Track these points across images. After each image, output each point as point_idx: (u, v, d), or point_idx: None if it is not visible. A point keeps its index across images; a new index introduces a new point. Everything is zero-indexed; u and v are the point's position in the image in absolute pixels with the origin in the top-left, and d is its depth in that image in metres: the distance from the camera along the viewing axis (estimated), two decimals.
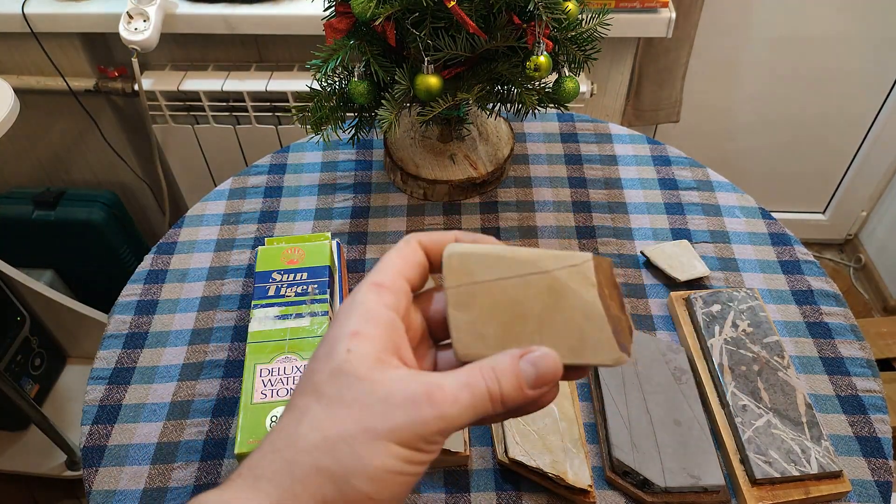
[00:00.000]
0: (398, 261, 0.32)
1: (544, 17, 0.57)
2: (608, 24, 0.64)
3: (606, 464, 0.55)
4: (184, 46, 1.25)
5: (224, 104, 1.22)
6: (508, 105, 0.67)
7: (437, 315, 0.33)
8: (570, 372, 0.31)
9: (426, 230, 0.73)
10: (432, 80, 0.60)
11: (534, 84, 0.65)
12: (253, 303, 0.58)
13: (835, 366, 0.62)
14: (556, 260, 0.30)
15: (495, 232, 0.73)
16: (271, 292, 0.59)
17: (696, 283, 0.68)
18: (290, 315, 0.57)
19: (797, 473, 0.52)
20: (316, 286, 0.59)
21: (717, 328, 0.61)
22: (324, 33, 0.63)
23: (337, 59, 0.61)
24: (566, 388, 0.59)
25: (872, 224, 1.71)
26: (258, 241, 0.72)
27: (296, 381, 0.53)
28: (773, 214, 0.75)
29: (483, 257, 0.30)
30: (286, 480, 0.27)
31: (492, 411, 0.28)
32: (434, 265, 0.33)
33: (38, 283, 1.28)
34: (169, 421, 0.58)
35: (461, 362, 0.30)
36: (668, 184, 0.78)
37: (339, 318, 0.30)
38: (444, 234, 0.33)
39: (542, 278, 0.30)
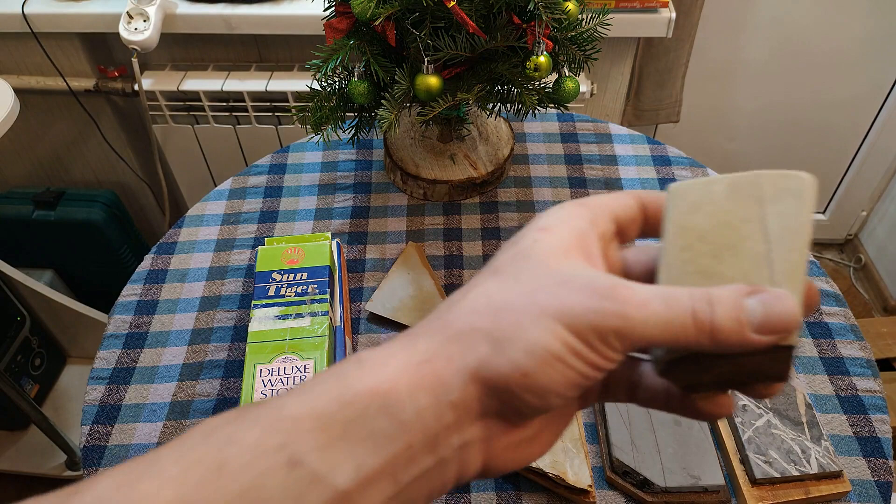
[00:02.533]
0: (608, 198, 0.29)
1: (544, 17, 0.57)
2: (608, 24, 0.64)
3: (606, 464, 0.55)
4: (184, 46, 1.25)
5: (224, 104, 1.22)
6: (508, 105, 0.67)
7: (638, 270, 0.30)
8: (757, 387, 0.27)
9: (426, 230, 0.73)
10: (432, 80, 0.60)
11: (534, 84, 0.65)
12: (253, 303, 0.58)
13: (835, 366, 0.62)
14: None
15: (495, 232, 0.73)
16: (271, 292, 0.59)
17: None
18: (290, 315, 0.57)
19: (797, 473, 0.52)
20: (316, 286, 0.59)
21: None
22: (324, 33, 0.63)
23: (337, 59, 0.61)
24: None
25: (872, 224, 1.71)
26: (258, 241, 0.72)
27: (296, 381, 0.53)
28: None
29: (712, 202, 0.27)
30: (440, 337, 0.25)
31: (695, 340, 0.24)
32: (650, 222, 0.29)
33: (38, 283, 1.28)
34: (169, 421, 0.58)
35: None
36: (669, 184, 0.78)
37: (532, 221, 0.28)
38: (661, 193, 0.29)
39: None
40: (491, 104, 0.68)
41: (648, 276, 0.29)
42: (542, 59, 0.60)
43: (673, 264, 0.27)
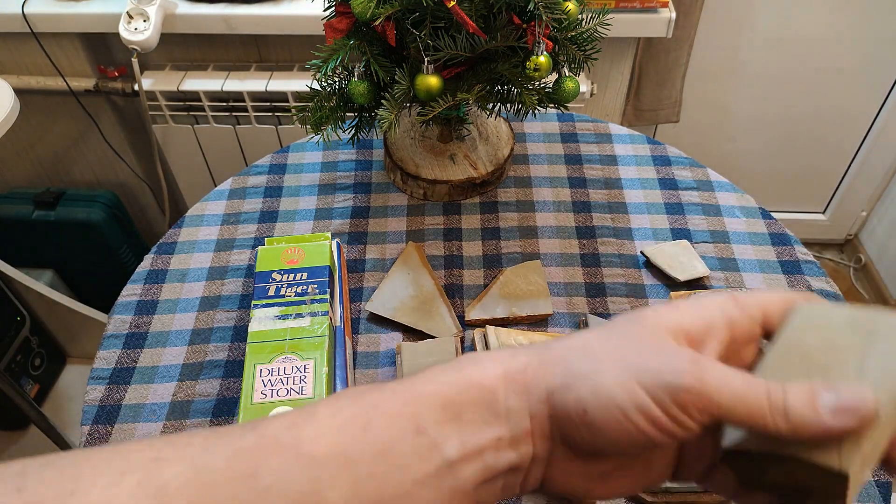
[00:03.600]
0: (765, 296, 0.30)
1: (544, 17, 0.57)
2: (608, 24, 0.64)
3: None
4: (184, 46, 1.25)
5: (224, 104, 1.22)
6: (508, 105, 0.67)
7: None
8: None
9: (426, 230, 0.73)
10: (432, 80, 0.60)
11: (534, 84, 0.65)
12: (253, 303, 0.58)
13: None
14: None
15: (495, 232, 0.73)
16: (271, 292, 0.59)
17: (696, 283, 0.68)
18: (290, 315, 0.57)
19: None
20: (316, 286, 0.59)
21: None
22: (324, 33, 0.63)
23: (337, 59, 0.61)
24: None
25: (872, 224, 1.71)
26: (258, 241, 0.72)
27: (295, 381, 0.53)
28: (773, 214, 0.75)
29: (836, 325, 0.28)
30: (536, 359, 0.29)
31: (770, 419, 0.25)
32: (769, 328, 0.30)
33: (38, 283, 1.28)
34: (169, 421, 0.58)
35: None
36: (668, 184, 0.78)
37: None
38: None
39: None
40: (491, 104, 0.68)
41: None
42: (542, 59, 0.60)
43: (766, 370, 0.28)
